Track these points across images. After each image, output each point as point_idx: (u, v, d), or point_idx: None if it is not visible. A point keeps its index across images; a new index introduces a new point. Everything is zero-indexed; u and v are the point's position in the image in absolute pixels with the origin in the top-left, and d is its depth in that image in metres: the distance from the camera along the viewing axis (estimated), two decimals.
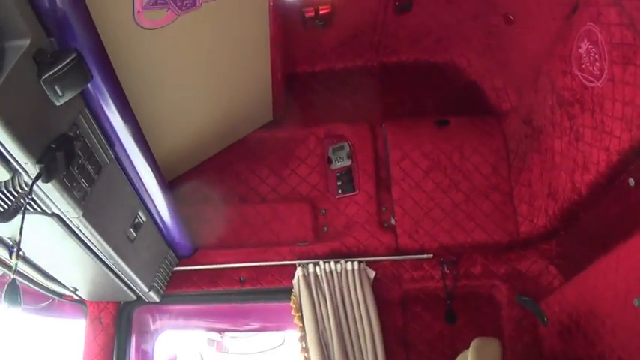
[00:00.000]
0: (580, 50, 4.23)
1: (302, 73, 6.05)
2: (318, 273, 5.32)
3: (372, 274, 5.40)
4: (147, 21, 3.52)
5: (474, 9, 5.34)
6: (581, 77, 4.26)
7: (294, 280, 5.34)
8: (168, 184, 4.74)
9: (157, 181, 4.21)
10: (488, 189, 5.52)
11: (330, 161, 5.78)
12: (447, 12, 5.43)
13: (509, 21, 5.13)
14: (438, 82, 6.06)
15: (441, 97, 6.00)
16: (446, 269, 5.51)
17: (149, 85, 3.99)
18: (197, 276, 5.53)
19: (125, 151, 3.79)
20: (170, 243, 5.07)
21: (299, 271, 5.31)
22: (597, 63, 4.04)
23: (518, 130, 5.42)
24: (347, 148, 5.73)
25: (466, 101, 5.96)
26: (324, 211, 5.70)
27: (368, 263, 5.44)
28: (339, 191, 5.73)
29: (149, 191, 4.26)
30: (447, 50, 5.95)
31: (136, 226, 4.32)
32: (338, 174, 5.76)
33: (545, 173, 4.98)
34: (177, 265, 5.43)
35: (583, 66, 4.21)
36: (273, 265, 5.49)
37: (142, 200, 4.31)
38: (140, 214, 4.33)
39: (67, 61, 2.68)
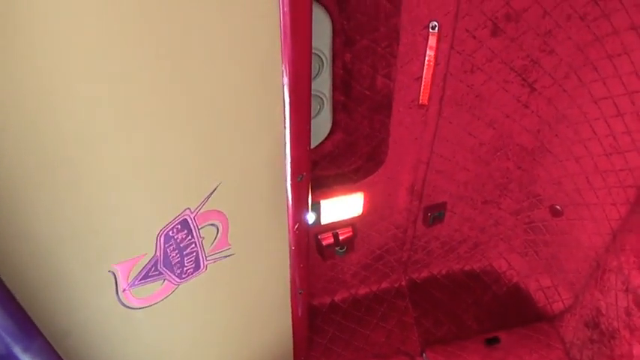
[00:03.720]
0: None
1: (320, 306, 5.25)
2: None
3: None
4: (136, 299, 2.72)
5: (514, 205, 4.81)
6: None
7: None
8: None
9: None
10: None
11: None
12: (483, 214, 4.87)
13: (556, 213, 4.61)
14: (477, 292, 5.40)
15: (483, 308, 5.32)
16: None
17: None
18: None
19: None
20: None
21: None
22: None
23: (580, 334, 4.75)
24: None
25: (511, 308, 5.30)
26: None
27: None
28: None
29: None
30: (484, 255, 5.33)
31: None
32: None
33: None
34: None
35: None
36: None
37: None
38: None
39: None
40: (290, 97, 2.37)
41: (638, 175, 3.87)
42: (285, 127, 2.53)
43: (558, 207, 4.58)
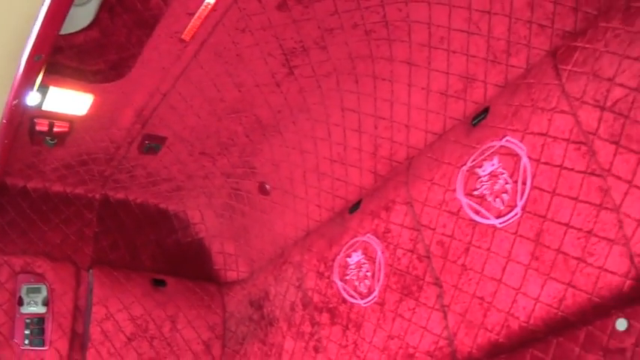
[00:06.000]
0: (349, 259, 3.73)
1: (11, 187, 4.66)
2: None
3: None
4: None
5: (229, 167, 4.60)
6: (340, 288, 3.76)
7: None
8: None
9: None
10: None
11: (21, 302, 4.43)
12: (197, 163, 4.61)
13: (264, 191, 4.50)
14: (162, 232, 5.11)
15: (162, 249, 5.06)
16: None
17: None
18: None
19: None
20: None
21: None
22: (367, 281, 3.57)
23: (242, 309, 4.73)
24: (44, 292, 4.46)
25: (188, 260, 5.10)
26: None
27: None
28: (26, 342, 4.38)
29: None
30: (182, 200, 5.05)
31: None
32: (28, 320, 4.40)
33: None
34: None
35: (347, 277, 3.71)
36: None
37: None
38: None
39: None
40: None
41: (352, 191, 3.85)
42: (42, 4, 2.22)
43: (268, 186, 4.46)
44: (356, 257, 3.62)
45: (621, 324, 2.41)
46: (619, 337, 2.42)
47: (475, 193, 2.98)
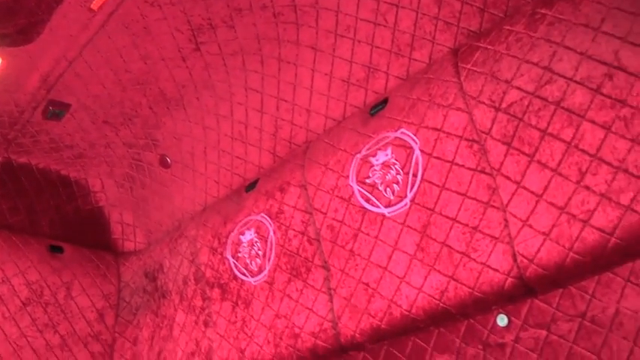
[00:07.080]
0: (242, 237, 3.52)
1: None
2: None
3: None
4: None
5: (131, 138, 4.32)
6: (232, 264, 3.56)
7: None
8: None
9: None
10: (88, 336, 4.32)
11: None
12: (99, 132, 4.31)
13: (164, 164, 4.26)
14: (62, 198, 4.75)
15: (61, 215, 4.71)
16: None
17: None
18: None
19: None
20: None
21: None
22: (258, 259, 3.38)
23: (137, 280, 4.47)
24: None
25: (87, 228, 4.77)
26: None
27: None
28: None
29: None
30: (84, 168, 4.72)
31: None
32: None
33: (157, 340, 4.11)
34: None
35: (240, 255, 3.51)
36: None
37: None
38: None
39: None
40: None
41: (250, 170, 3.68)
42: None
43: (169, 159, 4.21)
44: (249, 235, 3.43)
45: (502, 320, 2.32)
46: (499, 333, 2.33)
47: (367, 181, 2.83)
